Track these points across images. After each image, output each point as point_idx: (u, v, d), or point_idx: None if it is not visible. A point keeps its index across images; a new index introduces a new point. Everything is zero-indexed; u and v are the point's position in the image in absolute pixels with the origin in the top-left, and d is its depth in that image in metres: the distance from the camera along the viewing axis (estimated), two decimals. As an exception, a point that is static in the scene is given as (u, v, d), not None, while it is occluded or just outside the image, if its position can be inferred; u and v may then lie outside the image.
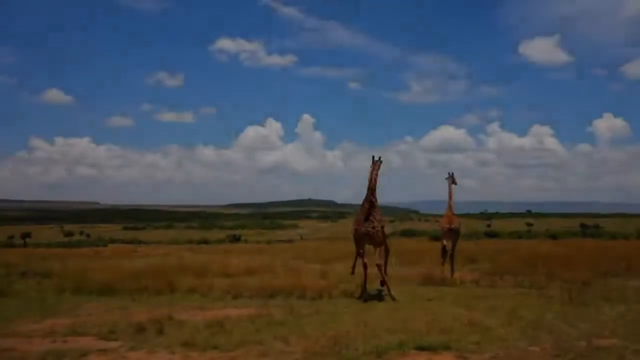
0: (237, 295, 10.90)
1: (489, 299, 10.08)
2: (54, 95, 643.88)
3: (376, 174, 11.14)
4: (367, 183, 11.10)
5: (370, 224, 10.57)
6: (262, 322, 7.74)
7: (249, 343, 6.39)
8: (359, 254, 11.25)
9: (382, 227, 10.91)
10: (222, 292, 11.26)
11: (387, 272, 11.28)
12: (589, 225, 78.05)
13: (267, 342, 6.42)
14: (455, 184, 14.93)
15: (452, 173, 14.93)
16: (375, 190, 11.02)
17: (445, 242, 14.06)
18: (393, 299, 10.33)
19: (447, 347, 6.14)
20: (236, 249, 36.59)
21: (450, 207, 14.68)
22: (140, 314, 8.63)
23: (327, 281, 12.69)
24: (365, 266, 10.66)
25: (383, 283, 11.01)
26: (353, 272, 13.68)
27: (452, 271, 13.92)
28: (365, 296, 10.48)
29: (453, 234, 14.02)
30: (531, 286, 11.90)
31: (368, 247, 11.00)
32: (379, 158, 11.33)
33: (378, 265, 10.64)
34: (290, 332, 6.95)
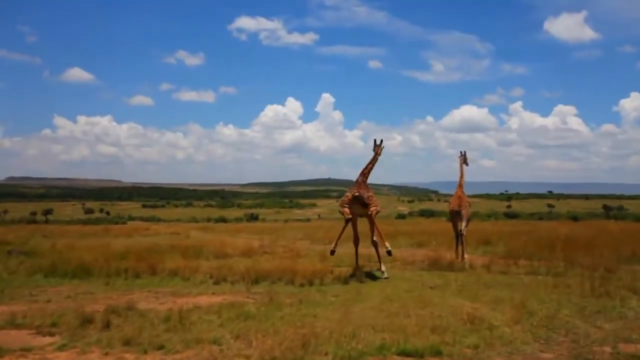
0: (221, 280, 9.95)
1: (498, 287, 8.95)
2: (76, 73, 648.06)
3: (373, 160, 11.36)
4: (368, 165, 11.32)
5: (367, 193, 10.75)
6: (232, 313, 6.76)
7: (204, 342, 5.40)
8: (353, 227, 11.08)
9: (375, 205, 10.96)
10: (206, 275, 10.33)
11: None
12: (612, 207, 75.66)
13: (226, 341, 5.43)
14: (467, 164, 14.08)
15: (465, 152, 14.07)
16: (366, 175, 11.21)
17: (457, 223, 13.26)
18: (382, 273, 10.50)
19: (436, 353, 5.05)
20: (248, 228, 35.98)
21: (460, 186, 13.76)
22: (101, 302, 7.76)
23: (324, 265, 11.74)
24: (355, 241, 11.11)
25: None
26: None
27: (462, 254, 12.90)
28: (358, 274, 10.37)
29: (463, 215, 12.95)
30: (547, 273, 10.72)
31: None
32: (381, 141, 11.55)
33: (374, 242, 11.03)
34: (259, 328, 5.96)
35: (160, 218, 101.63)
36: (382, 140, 11.65)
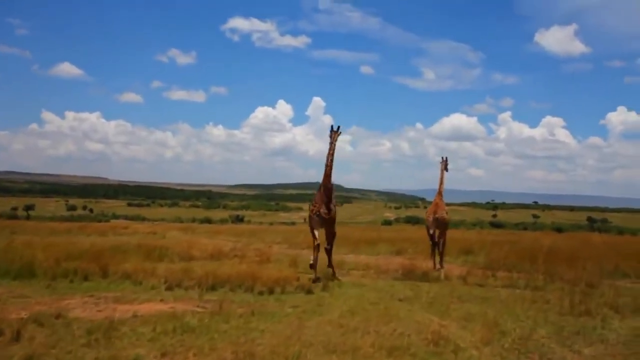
0: (176, 285, 9.17)
1: (472, 302, 8.30)
2: (66, 68, 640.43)
3: (333, 151, 10.60)
4: (326, 161, 10.61)
5: (327, 208, 10.31)
6: (170, 325, 6.00)
7: (122, 360, 4.66)
8: (312, 233, 10.66)
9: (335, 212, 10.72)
10: (160, 280, 9.54)
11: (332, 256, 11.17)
12: (596, 219, 75.86)
13: (148, 360, 4.69)
14: (447, 170, 13.52)
15: (446, 158, 13.55)
16: (330, 175, 10.53)
17: (432, 232, 12.65)
18: (337, 279, 10.35)
19: (387, 381, 4.37)
20: (229, 230, 35.06)
21: (440, 193, 13.18)
22: (31, 307, 6.96)
23: (291, 271, 11.06)
24: (317, 248, 10.44)
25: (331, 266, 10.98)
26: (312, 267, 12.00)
27: (439, 264, 12.33)
28: (316, 279, 10.10)
29: (439, 223, 12.39)
30: (526, 286, 10.12)
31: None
32: (338, 128, 10.74)
33: (327, 250, 10.75)
34: (194, 344, 5.23)
35: (145, 217, 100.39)
36: (339, 127, 10.71)
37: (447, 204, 13.35)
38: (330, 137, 10.59)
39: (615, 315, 7.40)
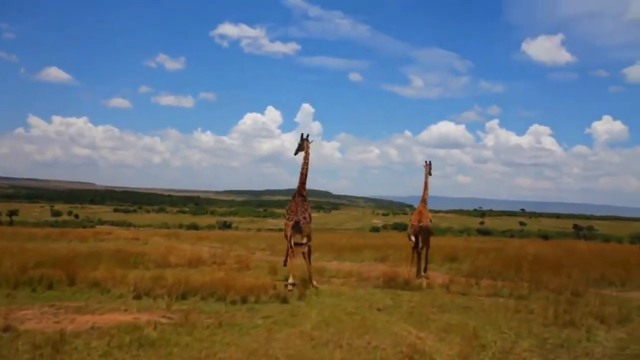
0: (145, 294, 8.73)
1: (453, 311, 7.98)
2: (54, 73, 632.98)
3: (307, 161, 10.74)
4: (300, 170, 10.75)
5: (303, 215, 10.24)
6: (126, 339, 5.59)
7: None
8: (289, 243, 10.51)
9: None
10: (129, 288, 9.09)
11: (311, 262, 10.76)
12: (582, 227, 76.26)
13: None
14: (431, 174, 13.30)
15: (430, 162, 13.31)
16: (305, 183, 10.67)
17: (414, 240, 12.39)
18: (314, 287, 10.05)
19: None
20: (214, 236, 34.43)
21: (424, 200, 12.91)
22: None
23: (268, 279, 10.69)
24: (292, 255, 10.36)
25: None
26: (285, 264, 11.69)
27: (420, 271, 12.16)
28: (290, 286, 9.80)
29: (423, 231, 12.17)
30: (510, 295, 9.81)
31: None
32: (307, 136, 10.86)
33: (304, 254, 10.46)
34: None
35: (131, 223, 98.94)
36: (308, 135, 10.84)
37: (435, 211, 13.29)
38: (302, 144, 10.81)
39: (601, 326, 7.11)
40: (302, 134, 10.88)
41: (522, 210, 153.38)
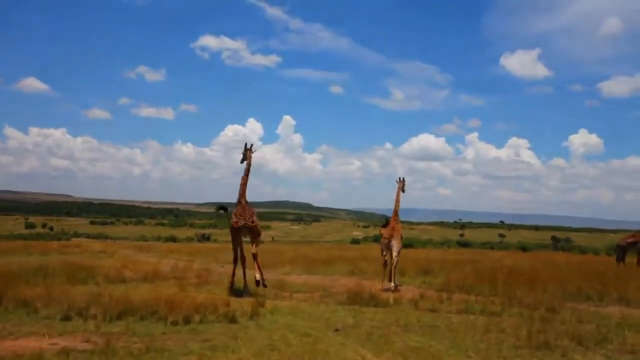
0: (77, 314, 7.78)
1: (418, 331, 7.23)
2: (31, 83, 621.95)
3: (249, 171, 11.04)
4: (244, 178, 11.04)
5: (250, 218, 10.52)
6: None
7: None
8: (235, 246, 10.93)
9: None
10: (63, 307, 8.13)
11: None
12: (560, 239, 76.71)
13: None
14: (404, 191, 13.08)
15: (403, 179, 13.12)
16: (245, 193, 10.92)
17: (385, 254, 12.27)
18: (264, 286, 10.60)
19: None
20: (183, 249, 33.40)
21: (396, 213, 12.62)
22: None
23: (224, 295, 9.95)
24: (242, 259, 10.83)
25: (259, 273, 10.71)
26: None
27: (390, 286, 11.50)
28: (234, 290, 10.37)
29: (393, 245, 11.98)
30: (482, 311, 9.13)
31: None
32: (252, 145, 11.09)
33: (254, 255, 10.55)
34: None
35: (108, 235, 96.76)
36: (252, 145, 11.18)
37: (416, 223, 13.02)
38: (246, 154, 11.07)
39: (577, 348, 6.43)
40: (245, 144, 11.08)
41: (502, 222, 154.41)
